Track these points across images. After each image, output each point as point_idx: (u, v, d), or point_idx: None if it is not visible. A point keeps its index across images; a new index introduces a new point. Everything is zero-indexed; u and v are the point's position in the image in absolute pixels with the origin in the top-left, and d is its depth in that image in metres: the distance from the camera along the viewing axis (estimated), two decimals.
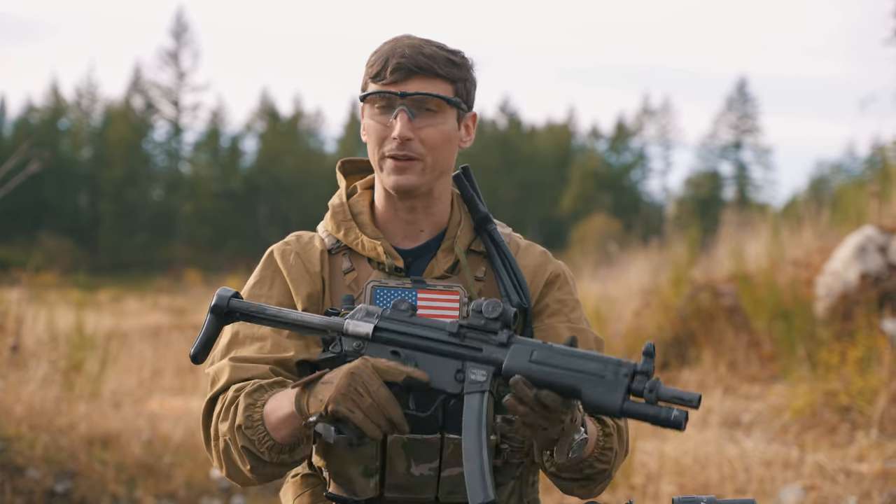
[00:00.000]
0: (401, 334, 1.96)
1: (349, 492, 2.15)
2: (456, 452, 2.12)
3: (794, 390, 7.54)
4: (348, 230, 2.24)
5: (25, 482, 5.75)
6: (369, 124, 2.18)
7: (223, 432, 2.08)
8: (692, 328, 9.26)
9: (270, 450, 2.02)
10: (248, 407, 2.04)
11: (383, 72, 2.13)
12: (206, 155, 59.75)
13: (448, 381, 1.94)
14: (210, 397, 2.15)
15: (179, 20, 58.11)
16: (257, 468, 2.06)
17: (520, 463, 2.20)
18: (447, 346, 1.94)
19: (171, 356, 11.65)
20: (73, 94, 59.27)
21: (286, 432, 2.01)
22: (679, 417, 1.79)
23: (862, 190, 10.38)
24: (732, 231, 11.33)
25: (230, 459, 2.09)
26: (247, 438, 2.03)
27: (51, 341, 7.94)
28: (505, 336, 1.91)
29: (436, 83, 2.14)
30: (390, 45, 2.17)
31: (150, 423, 7.36)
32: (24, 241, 46.34)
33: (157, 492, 6.18)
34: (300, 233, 2.33)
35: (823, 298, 8.41)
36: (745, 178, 63.29)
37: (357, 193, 2.32)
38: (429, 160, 2.16)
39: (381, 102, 2.15)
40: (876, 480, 5.55)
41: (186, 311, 20.50)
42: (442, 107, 2.15)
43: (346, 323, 1.98)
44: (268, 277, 2.25)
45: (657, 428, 7.62)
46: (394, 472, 2.13)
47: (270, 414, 2.02)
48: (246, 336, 2.17)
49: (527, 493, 2.24)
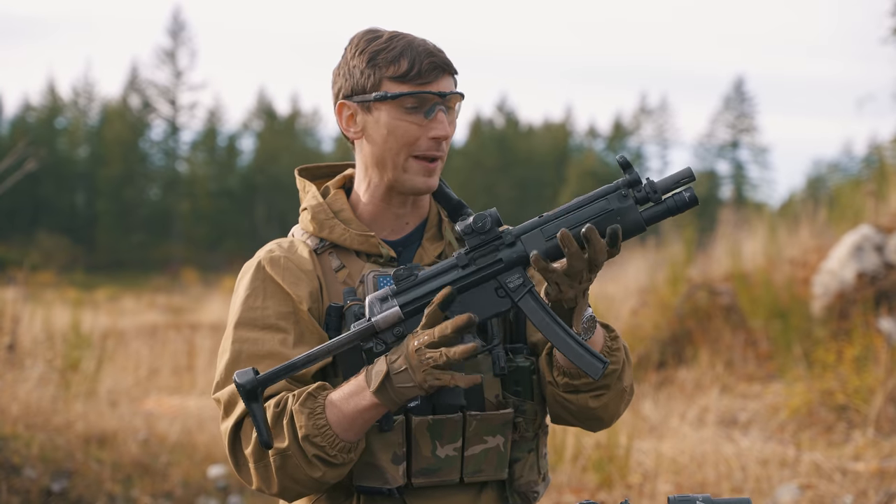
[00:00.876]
0: (425, 296, 1.99)
1: (381, 482, 2.14)
2: (478, 430, 2.14)
3: (791, 389, 7.55)
4: (333, 227, 2.23)
5: (22, 481, 5.74)
6: (395, 125, 2.14)
7: (280, 450, 2.04)
8: (689, 327, 9.27)
9: (341, 451, 2.04)
10: (310, 416, 2.03)
11: (414, 70, 2.12)
12: (203, 154, 59.71)
13: (494, 302, 2.00)
14: (234, 423, 2.10)
15: (176, 19, 58.08)
16: (328, 473, 2.05)
17: (534, 436, 2.22)
18: (471, 277, 2.00)
19: (168, 355, 11.65)
20: (70, 93, 59.26)
21: (360, 428, 2.03)
22: (692, 195, 1.97)
23: (859, 189, 10.40)
24: (729, 230, 11.34)
25: (287, 474, 2.06)
26: (316, 446, 2.02)
27: (47, 340, 7.94)
28: (510, 237, 2.00)
29: (452, 81, 2.17)
30: (401, 44, 2.14)
31: (146, 422, 7.36)
32: (21, 239, 46.31)
33: (153, 491, 6.18)
34: (279, 240, 2.30)
35: (820, 297, 8.42)
36: (742, 177, 63.33)
37: (332, 194, 2.30)
38: (444, 159, 2.19)
39: (411, 102, 2.13)
40: (872, 479, 5.56)
41: (183, 309, 20.48)
42: (458, 104, 2.18)
43: (374, 321, 1.99)
44: (260, 288, 2.20)
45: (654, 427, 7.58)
46: (420, 456, 2.13)
47: (339, 416, 2.02)
48: (251, 355, 2.14)
49: (542, 465, 2.26)
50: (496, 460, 2.16)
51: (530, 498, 2.23)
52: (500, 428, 2.15)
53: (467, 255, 1.99)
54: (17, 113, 57.81)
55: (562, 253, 1.98)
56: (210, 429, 7.56)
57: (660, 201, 1.99)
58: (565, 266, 1.98)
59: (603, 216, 1.97)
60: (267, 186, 56.61)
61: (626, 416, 7.13)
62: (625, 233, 1.98)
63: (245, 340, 2.15)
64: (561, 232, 1.95)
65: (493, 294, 2.00)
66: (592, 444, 6.32)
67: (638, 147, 64.98)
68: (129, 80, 58.33)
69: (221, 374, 2.15)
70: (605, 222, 1.97)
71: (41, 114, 57.79)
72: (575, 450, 6.42)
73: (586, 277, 2.00)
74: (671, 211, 1.99)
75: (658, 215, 1.99)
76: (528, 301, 2.00)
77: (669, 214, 1.99)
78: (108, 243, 53.40)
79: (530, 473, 2.22)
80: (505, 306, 2.00)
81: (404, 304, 2.00)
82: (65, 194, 55.84)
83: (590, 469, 6.10)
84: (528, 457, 2.22)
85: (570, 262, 1.97)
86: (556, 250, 1.98)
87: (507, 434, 2.16)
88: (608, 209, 1.98)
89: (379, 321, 1.99)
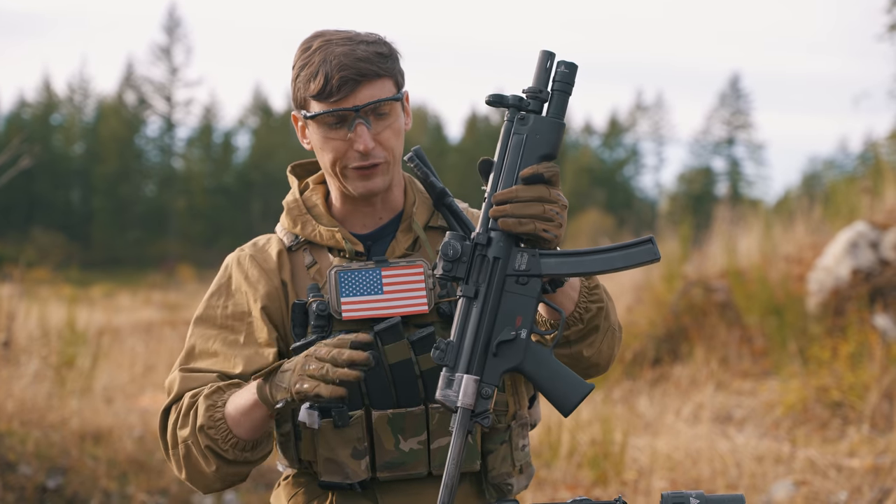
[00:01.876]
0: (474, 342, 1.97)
1: (341, 476, 2.17)
2: (442, 422, 2.15)
3: (786, 386, 7.56)
4: (305, 223, 2.26)
5: (17, 478, 5.74)
6: (321, 141, 2.16)
7: (183, 438, 2.12)
8: (684, 324, 9.27)
9: (234, 447, 2.08)
10: (209, 408, 2.09)
11: (327, 88, 2.10)
12: (198, 150, 59.64)
13: (524, 291, 1.96)
14: (164, 407, 2.19)
15: (172, 15, 58.00)
16: (221, 468, 2.10)
17: (507, 427, 2.22)
18: (490, 296, 1.95)
19: (164, 352, 11.63)
20: (66, 90, 59.13)
21: (249, 426, 2.06)
22: (567, 62, 1.99)
23: (854, 186, 10.41)
24: (725, 227, 11.34)
25: (192, 464, 2.13)
26: (210, 438, 2.08)
27: (43, 337, 7.93)
28: (482, 235, 1.96)
29: (380, 84, 2.13)
30: (319, 56, 2.13)
31: (141, 418, 7.35)
32: (17, 236, 46.23)
33: (148, 487, 6.17)
34: (257, 238, 2.35)
35: (815, 294, 8.43)
36: (737, 173, 63.33)
37: (310, 189, 2.33)
38: (389, 160, 2.17)
39: (331, 119, 2.13)
40: (867, 475, 5.56)
41: (179, 306, 20.47)
42: (392, 106, 2.16)
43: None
44: (224, 286, 2.28)
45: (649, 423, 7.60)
46: (383, 450, 2.15)
47: (232, 412, 2.07)
48: (201, 351, 2.23)
49: (518, 457, 2.25)
50: (465, 452, 2.13)
51: (504, 490, 2.22)
52: None
53: (470, 285, 1.96)
54: (12, 109, 57.70)
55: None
56: None
57: (550, 94, 1.98)
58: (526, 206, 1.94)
59: (527, 148, 1.96)
60: (263, 183, 56.55)
61: (621, 412, 7.14)
62: (554, 141, 1.96)
63: (200, 336, 2.24)
64: (496, 195, 1.94)
65: (519, 287, 1.96)
66: (588, 440, 6.33)
67: (634, 143, 64.96)
68: (124, 77, 58.25)
69: (175, 366, 2.24)
70: (532, 152, 1.96)
71: (36, 110, 57.69)
72: (570, 446, 6.43)
73: (549, 207, 1.95)
74: (566, 91, 1.97)
75: (560, 104, 1.98)
76: (548, 261, 1.96)
77: (567, 95, 1.97)
78: (103, 240, 53.33)
79: (503, 465, 2.22)
80: (536, 286, 1.96)
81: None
82: (60, 191, 55.76)
83: (585, 465, 6.11)
84: (500, 448, 2.22)
85: (523, 201, 1.94)
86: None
87: (474, 426, 2.15)
88: (524, 138, 1.96)
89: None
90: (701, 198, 55.77)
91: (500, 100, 1.97)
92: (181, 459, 2.14)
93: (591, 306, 2.12)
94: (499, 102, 1.97)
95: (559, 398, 1.97)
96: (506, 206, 1.93)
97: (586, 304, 2.11)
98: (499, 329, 1.94)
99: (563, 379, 1.97)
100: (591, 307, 2.12)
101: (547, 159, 1.96)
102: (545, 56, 1.98)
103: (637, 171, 65.23)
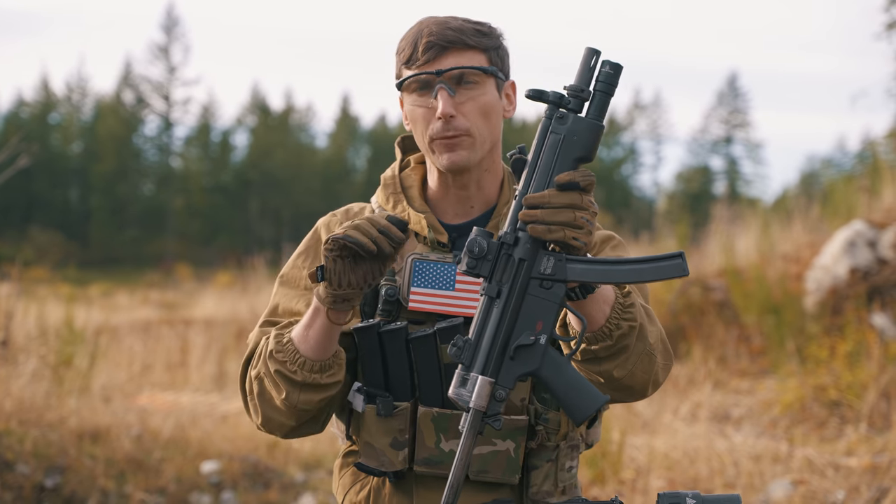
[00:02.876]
0: (491, 346, 1.92)
1: (377, 463, 2.16)
2: (487, 431, 2.12)
3: (784, 385, 7.57)
4: (396, 202, 2.24)
5: (15, 477, 5.74)
6: (412, 111, 2.16)
7: (255, 374, 2.12)
8: (682, 323, 9.28)
9: (302, 367, 2.05)
10: (277, 335, 2.10)
11: (415, 54, 2.11)
12: (196, 149, 59.59)
13: (548, 296, 1.90)
14: (244, 360, 2.19)
15: (170, 14, 57.94)
16: (292, 394, 2.07)
17: (556, 446, 2.18)
18: (513, 298, 1.90)
19: (162, 351, 11.63)
20: (64, 89, 59.07)
21: (314, 340, 2.05)
22: (612, 63, 1.92)
23: (852, 185, 10.42)
24: (723, 226, 11.35)
25: (265, 400, 2.12)
26: (278, 362, 2.07)
27: (40, 336, 7.93)
28: (509, 235, 1.90)
29: (469, 55, 2.12)
30: (416, 28, 2.15)
31: (139, 417, 7.35)
32: (15, 235, 46.20)
33: (146, 487, 6.17)
34: (351, 205, 2.34)
35: (813, 293, 8.43)
36: (735, 172, 63.34)
37: (410, 167, 2.31)
38: (476, 134, 2.13)
39: (418, 86, 2.13)
40: (864, 474, 5.57)
41: (177, 305, 20.45)
42: (480, 77, 2.12)
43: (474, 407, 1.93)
44: (311, 248, 2.29)
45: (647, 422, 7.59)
46: (423, 446, 2.14)
47: (297, 330, 2.07)
48: (285, 310, 2.23)
49: (562, 477, 2.20)
50: (505, 464, 2.13)
51: None
52: (512, 433, 2.13)
53: (493, 284, 1.90)
54: (10, 108, 57.67)
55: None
56: (203, 424, 7.56)
57: (592, 94, 1.91)
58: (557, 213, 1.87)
59: (563, 149, 1.89)
60: (261, 182, 56.52)
61: (618, 411, 7.14)
62: (591, 144, 1.90)
63: (284, 296, 2.25)
64: (527, 198, 1.87)
65: (543, 291, 1.89)
66: None
67: (632, 142, 64.95)
68: (122, 76, 58.19)
69: (259, 321, 2.24)
70: (568, 153, 1.89)
71: (34, 109, 57.64)
72: None
73: (580, 215, 1.88)
74: (608, 93, 1.90)
75: (602, 105, 1.90)
76: (574, 267, 1.89)
77: (609, 96, 1.90)
78: (101, 239, 53.30)
79: (545, 483, 2.18)
80: (560, 291, 1.89)
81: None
82: (58, 190, 55.71)
83: (583, 465, 6.11)
84: (544, 466, 2.17)
85: (554, 207, 1.87)
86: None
87: (518, 440, 2.13)
88: (561, 138, 1.89)
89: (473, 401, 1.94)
90: (699, 196, 55.78)
91: (539, 95, 1.90)
92: (255, 399, 2.12)
93: (623, 324, 2.02)
94: (539, 97, 1.90)
95: (573, 407, 1.92)
96: (537, 211, 1.86)
97: (618, 321, 2.02)
98: (518, 332, 1.89)
99: (579, 389, 1.92)
100: (623, 324, 2.02)
101: (582, 161, 1.90)
102: (590, 53, 1.91)
103: (635, 169, 65.24)
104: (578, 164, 1.90)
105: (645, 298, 2.22)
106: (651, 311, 2.14)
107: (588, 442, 2.29)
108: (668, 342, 2.16)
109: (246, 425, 7.63)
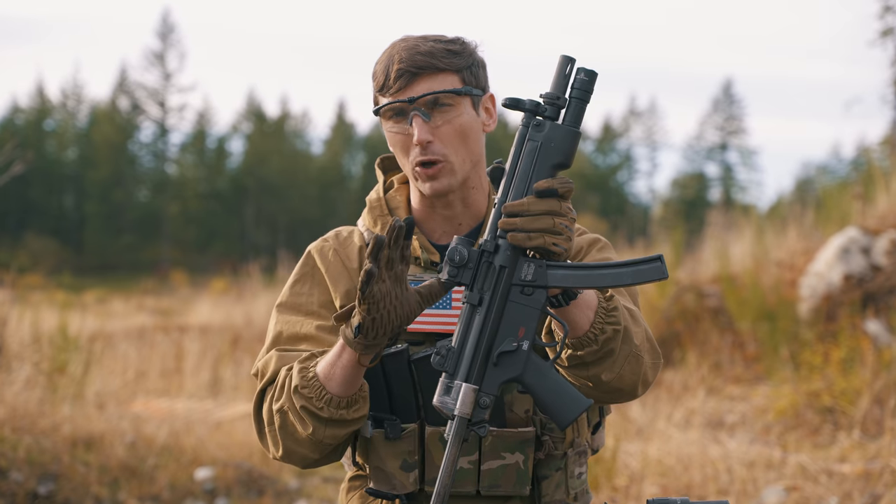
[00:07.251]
0: (473, 355, 1.94)
1: (389, 487, 2.16)
2: (494, 446, 2.13)
3: (778, 391, 7.57)
4: (385, 225, 2.24)
5: (8, 484, 5.73)
6: (390, 137, 2.17)
7: (278, 407, 2.09)
8: (677, 329, 9.29)
9: (328, 404, 2.03)
10: (301, 370, 2.06)
11: (387, 82, 2.12)
12: (192, 156, 59.58)
13: (528, 302, 1.92)
14: (260, 389, 2.16)
15: (166, 21, 57.94)
16: (318, 430, 2.05)
17: (563, 454, 2.19)
18: (494, 305, 1.91)
19: (156, 358, 11.62)
20: (59, 95, 59.03)
21: (340, 377, 2.01)
22: (587, 70, 1.92)
23: (846, 191, 10.42)
24: (717, 232, 11.36)
25: (288, 434, 2.09)
26: (304, 397, 2.04)
27: (35, 343, 7.92)
28: (489, 242, 1.92)
29: (441, 78, 2.12)
30: (388, 53, 2.15)
31: (133, 424, 7.34)
32: (9, 242, 46.16)
33: (140, 494, 6.17)
34: (339, 229, 2.34)
35: (807, 299, 8.44)
36: (730, 179, 63.43)
37: (394, 188, 2.31)
38: (454, 159, 2.13)
39: (393, 113, 2.14)
40: (858, 481, 5.57)
41: (172, 312, 20.44)
42: (454, 100, 2.12)
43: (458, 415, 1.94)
44: (308, 275, 2.27)
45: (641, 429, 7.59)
46: (433, 466, 2.13)
47: (323, 366, 2.04)
48: (291, 335, 2.20)
49: (573, 484, 2.21)
50: (515, 477, 2.14)
51: None
52: (520, 445, 2.13)
53: (475, 292, 1.92)
54: (5, 115, 57.62)
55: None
56: (197, 431, 7.56)
57: (568, 101, 1.93)
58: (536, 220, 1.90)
59: (540, 156, 1.91)
60: (256, 188, 56.51)
61: (613, 418, 7.14)
62: (568, 151, 1.92)
63: (286, 322, 2.22)
64: (506, 206, 1.89)
65: (524, 297, 1.91)
66: None
67: (627, 149, 65.03)
68: (118, 82, 58.20)
69: (263, 352, 2.21)
70: (545, 160, 1.91)
71: (30, 116, 57.60)
72: None
73: (559, 221, 1.90)
74: (583, 100, 1.93)
75: (578, 112, 1.93)
76: (555, 273, 1.92)
77: (585, 103, 1.93)
78: (96, 245, 53.26)
79: (557, 492, 2.19)
80: (541, 297, 1.91)
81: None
82: (53, 196, 55.69)
83: None
84: (555, 475, 2.18)
85: (533, 214, 1.90)
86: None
87: (527, 452, 2.13)
88: (538, 146, 1.91)
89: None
90: (694, 203, 55.86)
91: (516, 103, 1.93)
92: (277, 431, 2.09)
93: (608, 328, 2.03)
94: (515, 106, 1.92)
95: (556, 412, 1.94)
96: (516, 219, 1.89)
97: (602, 325, 2.02)
98: (501, 338, 1.91)
99: (562, 393, 1.94)
100: (608, 328, 2.03)
101: (560, 168, 1.92)
102: (565, 61, 1.93)
103: (630, 176, 65.30)
104: (556, 170, 1.92)
105: (634, 301, 2.23)
106: (636, 312, 2.15)
107: (594, 447, 2.30)
108: (656, 341, 2.17)
109: (240, 432, 7.62)
